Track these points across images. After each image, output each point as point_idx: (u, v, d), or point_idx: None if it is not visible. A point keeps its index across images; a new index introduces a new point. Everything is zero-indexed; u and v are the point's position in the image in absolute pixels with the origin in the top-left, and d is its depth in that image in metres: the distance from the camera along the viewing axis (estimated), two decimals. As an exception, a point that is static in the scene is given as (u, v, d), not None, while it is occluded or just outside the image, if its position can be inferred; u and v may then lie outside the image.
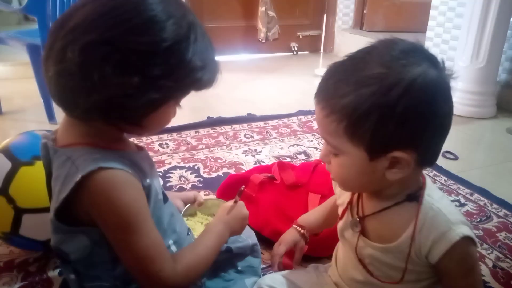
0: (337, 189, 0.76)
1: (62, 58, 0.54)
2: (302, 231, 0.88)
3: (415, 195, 0.62)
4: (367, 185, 0.62)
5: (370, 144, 0.55)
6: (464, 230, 0.59)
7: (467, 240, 0.59)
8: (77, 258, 0.63)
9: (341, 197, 0.74)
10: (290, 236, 0.88)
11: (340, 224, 0.71)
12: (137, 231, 0.58)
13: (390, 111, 0.53)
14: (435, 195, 0.63)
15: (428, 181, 0.64)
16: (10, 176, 0.87)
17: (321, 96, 0.59)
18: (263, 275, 0.84)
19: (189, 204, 0.96)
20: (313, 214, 0.91)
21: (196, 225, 0.94)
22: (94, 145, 0.59)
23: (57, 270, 0.93)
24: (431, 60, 0.56)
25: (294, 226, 0.90)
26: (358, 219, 0.67)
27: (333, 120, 0.57)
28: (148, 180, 0.63)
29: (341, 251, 0.75)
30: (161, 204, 0.68)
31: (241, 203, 0.78)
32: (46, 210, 0.83)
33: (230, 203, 0.78)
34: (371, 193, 0.66)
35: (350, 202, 0.70)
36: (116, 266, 0.63)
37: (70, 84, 0.55)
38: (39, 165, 0.85)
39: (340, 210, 0.73)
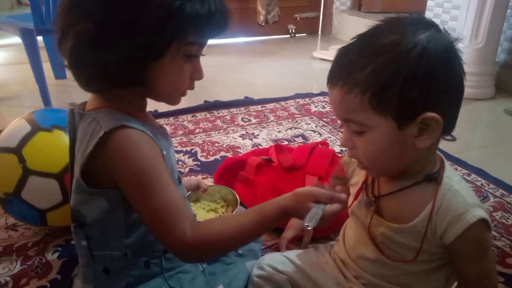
0: (349, 170, 0.76)
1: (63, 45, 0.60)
2: None
3: (434, 176, 0.62)
4: (397, 160, 0.60)
5: (398, 110, 0.55)
6: (481, 213, 0.59)
7: (483, 224, 0.59)
8: (92, 221, 0.64)
9: (354, 177, 0.74)
10: (297, 221, 0.89)
11: (354, 204, 0.71)
12: (148, 190, 0.58)
13: (413, 73, 0.53)
14: (454, 178, 0.63)
15: (447, 163, 0.65)
16: (27, 137, 0.90)
17: (337, 77, 0.58)
18: (262, 256, 0.85)
19: (191, 191, 0.97)
20: None
21: (198, 211, 0.95)
22: (119, 109, 0.62)
23: (56, 254, 0.94)
24: (436, 27, 0.57)
25: None
26: (373, 198, 0.67)
27: (356, 94, 0.56)
28: (164, 152, 0.64)
29: (350, 229, 0.75)
30: (176, 184, 0.69)
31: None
32: (52, 176, 0.88)
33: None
34: None
35: (365, 182, 0.70)
36: (129, 233, 0.64)
37: (72, 64, 0.60)
38: (57, 133, 0.91)
39: (353, 190, 0.73)
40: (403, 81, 0.53)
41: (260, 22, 3.13)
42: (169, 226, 0.57)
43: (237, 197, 0.98)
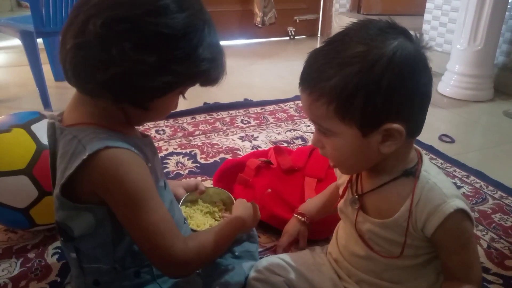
0: (337, 170, 0.77)
1: (83, 31, 0.56)
2: (303, 219, 0.91)
3: (411, 171, 0.63)
4: (363, 162, 0.64)
5: (362, 120, 0.57)
6: (458, 203, 0.60)
7: (461, 213, 0.60)
8: (80, 234, 0.64)
9: (342, 177, 0.76)
10: (292, 227, 0.91)
11: (340, 202, 0.73)
12: (145, 208, 0.59)
13: (376, 86, 0.55)
14: (432, 171, 0.64)
15: (425, 158, 0.66)
16: None
17: (306, 83, 0.60)
18: (260, 258, 0.85)
19: (189, 192, 0.96)
20: (313, 202, 0.93)
21: (196, 213, 0.94)
22: (100, 125, 0.61)
23: (56, 256, 0.94)
24: (406, 34, 0.58)
25: (295, 215, 0.92)
26: (356, 196, 0.69)
27: (322, 103, 0.58)
28: (149, 165, 0.64)
29: (342, 229, 0.77)
30: (162, 191, 0.69)
31: (256, 206, 0.82)
32: (21, 172, 0.89)
33: (248, 204, 0.83)
34: (369, 170, 0.67)
35: (350, 181, 0.72)
36: (116, 248, 0.64)
37: (88, 57, 0.56)
38: (16, 131, 0.91)
39: (340, 190, 0.74)
40: (367, 93, 0.55)
41: (257, 24, 3.14)
42: (172, 238, 0.60)
43: (234, 201, 0.97)
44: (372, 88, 0.55)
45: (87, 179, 0.58)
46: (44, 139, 0.91)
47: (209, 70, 0.62)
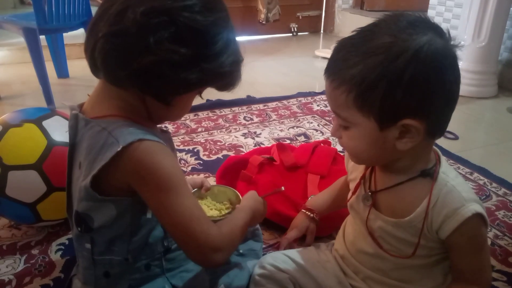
0: (349, 165, 0.77)
1: (120, 19, 0.57)
2: (311, 215, 0.90)
3: (429, 172, 0.62)
4: (378, 156, 0.63)
5: (380, 113, 0.56)
6: (477, 207, 0.59)
7: (478, 218, 0.60)
8: (99, 225, 0.64)
9: (353, 172, 0.75)
10: (300, 221, 0.90)
11: (352, 198, 0.72)
12: (180, 192, 0.60)
13: (398, 79, 0.54)
14: (450, 174, 0.63)
15: (443, 159, 0.65)
16: None
17: (330, 70, 0.60)
18: (264, 255, 0.85)
19: (196, 189, 0.96)
20: (322, 197, 0.93)
21: (203, 208, 0.94)
22: (127, 119, 0.62)
23: (59, 253, 0.94)
24: (437, 30, 0.57)
25: (303, 210, 0.91)
26: (370, 193, 0.68)
27: (342, 91, 0.57)
28: None
29: (350, 225, 0.76)
30: None
31: (265, 202, 0.84)
32: (30, 167, 0.89)
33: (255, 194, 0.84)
34: (384, 167, 0.66)
35: (363, 177, 0.71)
36: (132, 239, 0.66)
37: (123, 44, 0.57)
38: (27, 126, 0.92)
39: (352, 185, 0.74)
40: (388, 85, 0.54)
41: (260, 21, 3.13)
42: (207, 223, 0.62)
43: (240, 199, 0.97)
44: (393, 80, 0.54)
45: (120, 170, 0.59)
46: (55, 135, 0.93)
47: (232, 73, 0.64)
